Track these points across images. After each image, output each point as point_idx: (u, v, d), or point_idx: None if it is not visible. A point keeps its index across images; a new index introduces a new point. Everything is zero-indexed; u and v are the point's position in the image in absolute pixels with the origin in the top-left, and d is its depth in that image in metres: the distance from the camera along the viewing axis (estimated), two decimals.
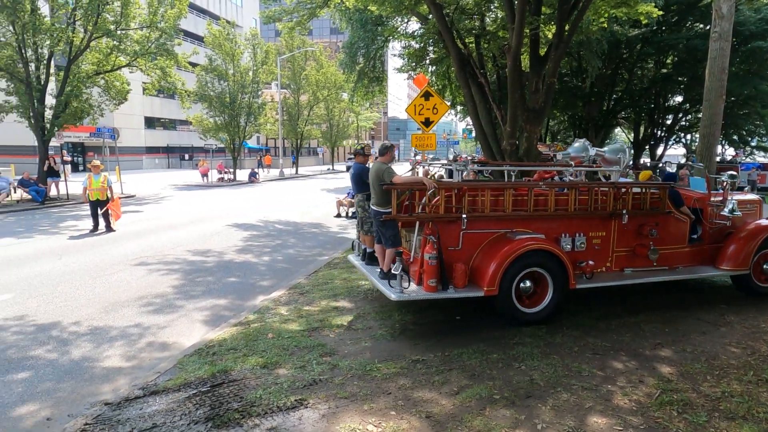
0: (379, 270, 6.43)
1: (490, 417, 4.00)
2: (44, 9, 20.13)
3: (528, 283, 5.98)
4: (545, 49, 11.92)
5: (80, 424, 3.98)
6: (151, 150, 48.82)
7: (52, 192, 20.46)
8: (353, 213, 16.51)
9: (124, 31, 21.02)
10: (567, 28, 10.81)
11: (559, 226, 6.35)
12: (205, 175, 31.65)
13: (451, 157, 7.15)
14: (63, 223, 14.50)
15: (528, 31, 10.92)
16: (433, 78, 17.81)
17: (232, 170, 34.38)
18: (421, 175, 7.54)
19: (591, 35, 13.45)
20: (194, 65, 29.50)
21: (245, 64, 32.86)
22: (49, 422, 4.16)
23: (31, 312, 6.74)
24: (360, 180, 7.07)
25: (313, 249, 11.38)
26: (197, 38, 46.26)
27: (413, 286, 5.71)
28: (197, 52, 26.45)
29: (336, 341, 5.60)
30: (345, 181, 34.90)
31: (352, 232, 13.69)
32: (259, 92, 34.13)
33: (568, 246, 6.26)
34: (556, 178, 7.75)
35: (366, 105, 45.68)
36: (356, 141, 71.17)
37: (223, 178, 33.25)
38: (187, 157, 52.27)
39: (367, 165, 7.25)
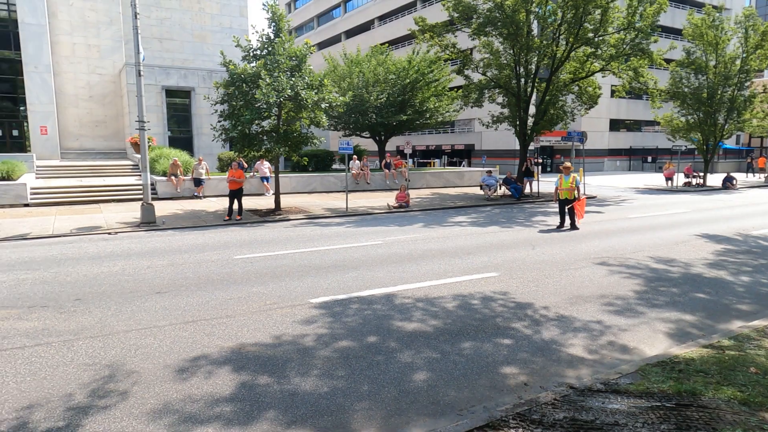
0: None
1: None
2: (534, 29, 23.17)
3: None
4: None
5: (550, 397, 4.51)
6: (613, 152, 49.03)
7: (526, 190, 23.51)
8: None
9: (601, 37, 21.80)
10: None
11: None
12: (669, 178, 29.45)
13: None
14: (534, 218, 16.47)
15: None
16: None
17: (702, 174, 30.72)
18: None
19: None
20: (668, 61, 27.71)
21: (731, 52, 28.52)
22: (526, 387, 4.90)
23: (511, 290, 8.02)
24: None
25: None
26: (673, 32, 43.23)
27: None
28: (675, 46, 24.76)
29: None
30: None
31: None
32: (746, 83, 28.98)
33: None
34: None
35: None
36: None
37: (690, 183, 30.13)
38: (649, 159, 49.99)
39: None
